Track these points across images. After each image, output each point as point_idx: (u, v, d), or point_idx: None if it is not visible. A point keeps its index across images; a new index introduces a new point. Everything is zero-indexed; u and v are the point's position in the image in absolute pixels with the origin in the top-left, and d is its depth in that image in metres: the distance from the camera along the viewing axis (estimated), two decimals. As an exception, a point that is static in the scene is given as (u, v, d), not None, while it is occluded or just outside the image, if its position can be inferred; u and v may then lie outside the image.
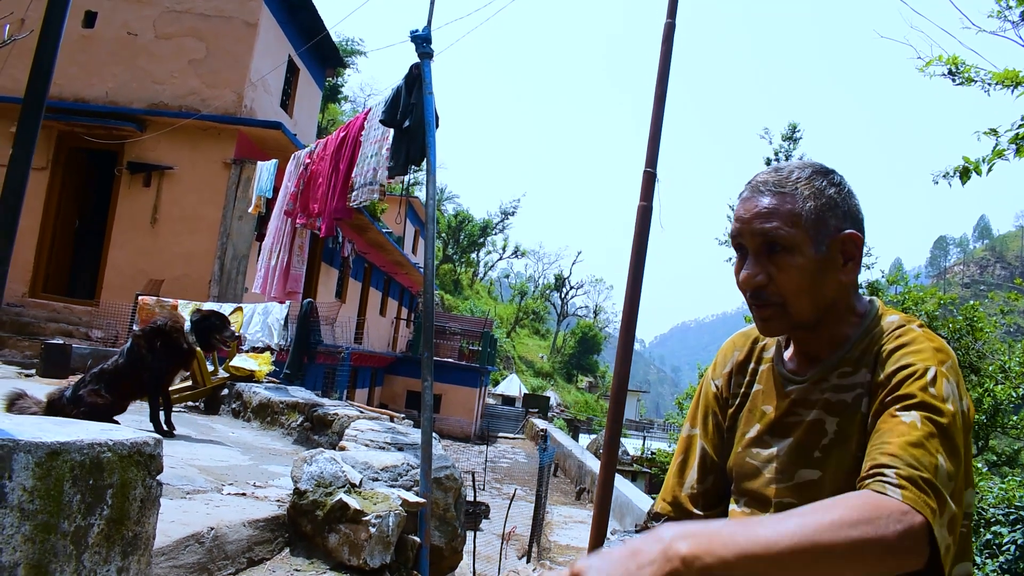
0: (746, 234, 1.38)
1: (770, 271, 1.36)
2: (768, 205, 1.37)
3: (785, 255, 1.35)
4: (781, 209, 1.36)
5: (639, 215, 6.36)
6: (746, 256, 1.40)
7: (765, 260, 1.37)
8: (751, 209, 1.39)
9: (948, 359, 1.26)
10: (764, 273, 1.36)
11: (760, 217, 1.36)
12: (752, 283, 1.37)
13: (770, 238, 1.35)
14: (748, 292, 1.40)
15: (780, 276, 1.35)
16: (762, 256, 1.37)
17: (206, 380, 7.43)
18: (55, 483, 1.76)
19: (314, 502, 3.20)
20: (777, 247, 1.35)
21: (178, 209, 12.65)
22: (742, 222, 1.39)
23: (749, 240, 1.38)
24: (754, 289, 1.37)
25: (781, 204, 1.36)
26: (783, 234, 1.34)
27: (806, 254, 1.34)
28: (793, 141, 26.16)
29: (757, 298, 1.38)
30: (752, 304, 1.40)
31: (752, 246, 1.38)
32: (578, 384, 71.04)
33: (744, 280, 1.38)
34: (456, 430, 29.66)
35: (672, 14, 6.53)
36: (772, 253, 1.36)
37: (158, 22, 13.52)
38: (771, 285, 1.36)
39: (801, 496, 1.36)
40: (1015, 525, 6.76)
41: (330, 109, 45.85)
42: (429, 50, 4.43)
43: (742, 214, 1.40)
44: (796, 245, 1.34)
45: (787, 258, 1.34)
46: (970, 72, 5.26)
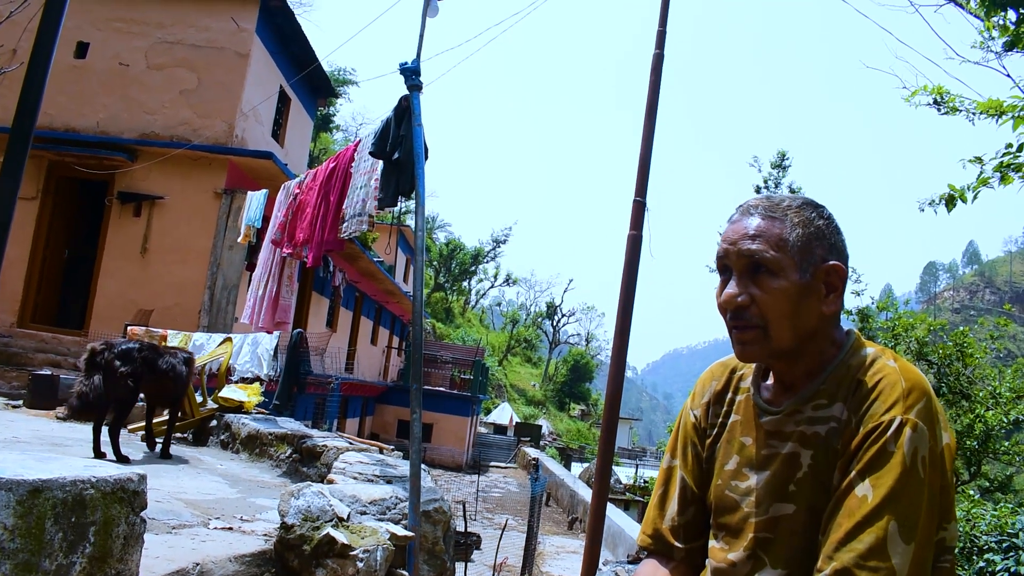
0: (732, 254, 1.38)
1: (753, 292, 1.36)
2: (757, 227, 1.38)
3: (769, 277, 1.35)
4: (769, 232, 1.37)
5: (629, 244, 6.39)
6: (730, 277, 1.40)
7: (748, 281, 1.37)
8: (739, 230, 1.39)
9: (920, 400, 1.26)
10: (747, 294, 1.36)
11: (748, 238, 1.37)
12: (734, 303, 1.37)
13: (756, 259, 1.35)
14: (729, 312, 1.39)
15: (763, 298, 1.35)
16: (745, 277, 1.37)
17: (195, 411, 7.38)
18: (36, 521, 1.74)
19: (301, 536, 3.16)
20: (762, 268, 1.35)
21: (168, 239, 12.64)
22: (729, 242, 1.40)
23: (735, 260, 1.38)
24: (735, 309, 1.37)
25: (770, 227, 1.37)
26: (769, 257, 1.35)
27: (790, 278, 1.35)
28: (782, 169, 26.29)
29: (738, 319, 1.38)
30: (732, 327, 1.40)
31: (737, 267, 1.38)
32: (570, 412, 70.81)
33: (726, 299, 1.38)
34: (447, 459, 29.48)
35: (660, 45, 6.61)
36: (756, 274, 1.36)
37: (150, 53, 13.58)
38: (753, 307, 1.36)
39: (776, 530, 1.36)
40: (1008, 552, 6.72)
41: (322, 138, 46.01)
42: (418, 82, 4.46)
43: (730, 235, 1.41)
44: (781, 268, 1.35)
45: (771, 280, 1.35)
46: (955, 102, 5.32)
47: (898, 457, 1.21)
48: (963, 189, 4.82)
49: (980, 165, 4.76)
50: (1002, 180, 4.67)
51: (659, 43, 6.60)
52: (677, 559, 1.58)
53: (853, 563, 1.18)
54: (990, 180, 4.70)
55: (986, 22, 5.01)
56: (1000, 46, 5.07)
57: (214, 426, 7.46)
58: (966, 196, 4.81)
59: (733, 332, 1.40)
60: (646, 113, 6.51)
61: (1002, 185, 4.69)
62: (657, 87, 6.56)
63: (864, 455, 1.25)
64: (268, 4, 13.96)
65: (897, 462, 1.21)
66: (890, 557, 1.17)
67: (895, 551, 1.17)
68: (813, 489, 1.33)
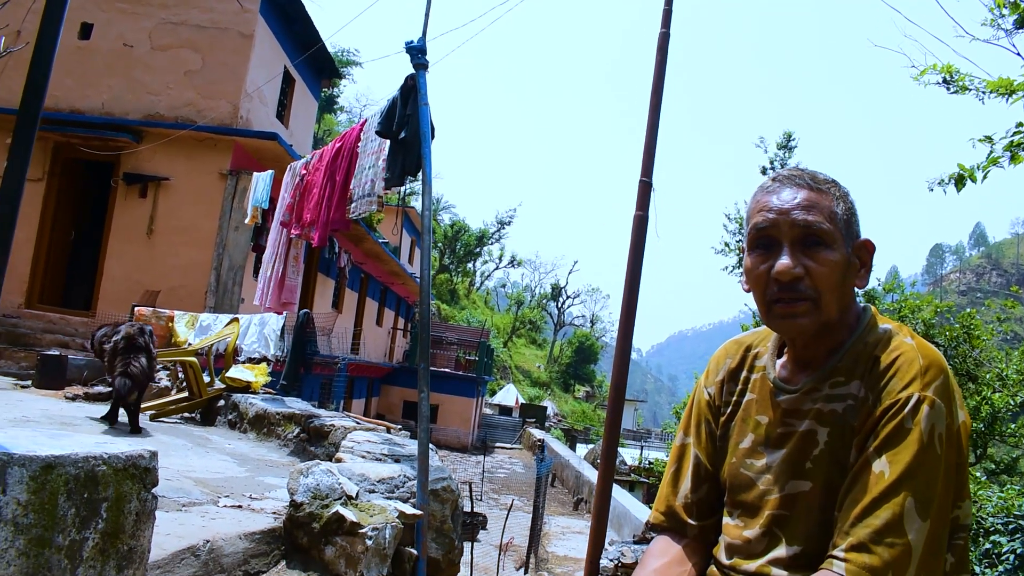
0: (784, 224, 1.36)
1: (807, 264, 1.34)
2: (808, 199, 1.36)
3: (824, 250, 1.34)
4: (821, 204, 1.36)
5: (635, 225, 6.36)
6: (772, 249, 1.37)
7: (800, 252, 1.35)
8: (789, 200, 1.37)
9: (937, 377, 1.27)
10: (801, 265, 1.34)
11: (801, 208, 1.35)
12: (791, 274, 1.33)
13: (813, 230, 1.34)
14: (781, 285, 1.35)
15: (817, 270, 1.33)
16: (798, 248, 1.35)
17: (202, 391, 7.41)
18: (50, 497, 1.75)
19: (310, 514, 3.18)
20: (817, 240, 1.34)
21: (174, 220, 12.65)
22: (779, 212, 1.37)
23: (788, 230, 1.35)
24: (791, 280, 1.34)
25: (820, 200, 1.36)
26: (825, 228, 1.34)
27: (840, 252, 1.35)
28: (788, 150, 26.20)
29: (791, 290, 1.34)
30: (780, 299, 1.36)
31: (790, 237, 1.36)
32: (575, 394, 70.96)
33: (781, 271, 1.34)
34: (453, 440, 29.59)
35: (666, 24, 6.55)
36: (810, 246, 1.34)
37: (154, 34, 13.54)
38: (806, 279, 1.34)
39: (793, 507, 1.36)
40: (1014, 534, 6.75)
41: (326, 119, 45.95)
42: (424, 61, 4.44)
43: (779, 204, 1.37)
44: (834, 241, 1.34)
45: (826, 253, 1.34)
46: (964, 80, 5.27)
47: (915, 434, 1.21)
48: (972, 169, 4.79)
49: (990, 144, 4.72)
50: (1012, 160, 4.64)
51: (665, 22, 6.54)
52: (690, 536, 1.58)
53: (869, 538, 1.19)
54: (1000, 160, 4.67)
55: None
56: (1011, 24, 5.03)
57: (222, 406, 7.49)
58: (975, 176, 4.78)
59: (781, 306, 1.36)
60: (652, 93, 6.46)
61: (1012, 164, 4.66)
62: (663, 67, 6.51)
63: (881, 431, 1.25)
64: (272, -16, 13.91)
65: (914, 439, 1.21)
66: (906, 533, 1.17)
67: (911, 527, 1.18)
68: (830, 466, 1.33)
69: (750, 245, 1.42)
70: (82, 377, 8.63)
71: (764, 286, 1.38)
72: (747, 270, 1.43)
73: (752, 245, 1.41)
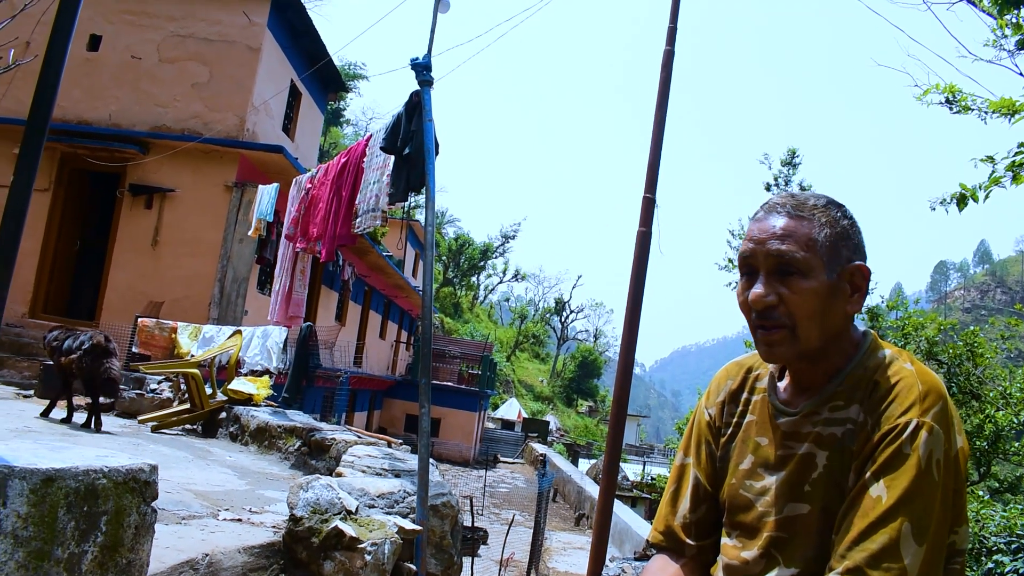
0: (760, 254, 1.38)
1: (781, 292, 1.35)
2: (785, 227, 1.37)
3: (798, 278, 1.34)
4: (798, 232, 1.36)
5: (638, 240, 6.39)
6: (755, 277, 1.39)
7: (776, 281, 1.36)
8: (767, 229, 1.38)
9: (936, 403, 1.27)
10: (775, 294, 1.35)
11: (776, 238, 1.36)
12: (763, 303, 1.35)
13: (785, 259, 1.35)
14: (756, 313, 1.38)
15: (792, 298, 1.34)
16: (774, 277, 1.36)
17: (204, 403, 7.42)
18: (50, 510, 1.76)
19: (310, 529, 3.18)
20: (791, 269, 1.35)
21: (179, 231, 12.69)
22: (756, 241, 1.39)
23: (763, 260, 1.37)
24: (764, 309, 1.36)
25: (798, 227, 1.37)
26: (799, 257, 1.34)
27: (819, 279, 1.34)
28: (792, 166, 26.19)
29: (765, 319, 1.37)
30: (758, 326, 1.38)
31: (765, 266, 1.37)
32: (578, 408, 70.78)
33: (754, 299, 1.36)
34: (455, 454, 29.52)
35: (671, 42, 6.60)
36: (785, 275, 1.35)
37: (162, 46, 13.62)
38: (781, 307, 1.35)
39: (791, 530, 1.36)
40: (1017, 554, 6.70)
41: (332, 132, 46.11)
42: (429, 78, 4.47)
43: (756, 234, 1.39)
44: (810, 269, 1.34)
45: (800, 281, 1.34)
46: (967, 101, 5.29)
47: (913, 459, 1.22)
48: (975, 188, 4.79)
49: (992, 164, 4.73)
50: (1014, 180, 4.64)
51: (670, 40, 6.59)
52: (688, 556, 1.59)
53: (865, 562, 1.19)
54: (1002, 179, 4.67)
55: (999, 20, 4.99)
56: (1013, 44, 5.04)
57: (223, 418, 7.50)
58: (977, 195, 4.79)
59: (759, 332, 1.39)
60: (656, 110, 6.50)
61: (1014, 184, 4.67)
62: (667, 83, 6.55)
63: (880, 456, 1.25)
64: (280, -2, 13.99)
65: (912, 464, 1.22)
66: (902, 558, 1.18)
67: (907, 552, 1.18)
68: (828, 490, 1.33)
69: (741, 271, 1.45)
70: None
71: (747, 313, 1.41)
72: (737, 295, 1.45)
73: (741, 272, 1.44)
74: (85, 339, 6.36)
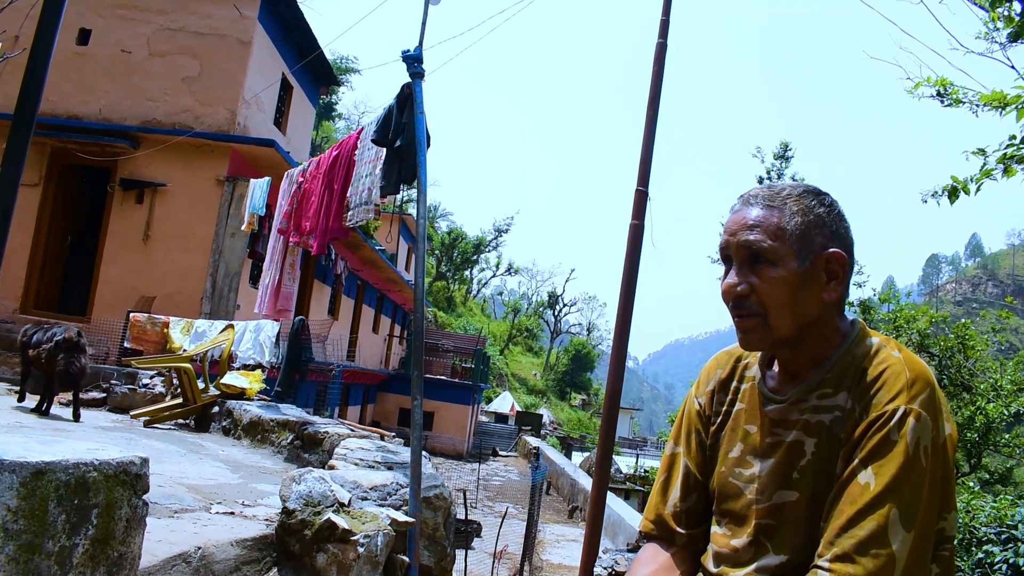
0: (732, 245, 1.41)
1: (752, 281, 1.38)
2: (755, 217, 1.39)
3: (767, 266, 1.37)
4: (768, 221, 1.38)
5: (631, 233, 6.38)
6: (728, 267, 1.43)
7: (747, 270, 1.39)
8: (738, 220, 1.42)
9: (924, 390, 1.28)
10: (746, 283, 1.38)
11: (746, 228, 1.39)
12: (734, 292, 1.39)
13: (754, 249, 1.37)
14: (730, 302, 1.41)
15: (761, 287, 1.37)
16: (745, 266, 1.39)
17: (196, 397, 7.40)
18: (40, 503, 1.75)
19: (302, 521, 3.18)
20: (760, 258, 1.37)
21: (171, 226, 12.65)
22: (729, 233, 1.42)
23: (735, 251, 1.41)
24: (736, 298, 1.40)
25: (768, 217, 1.39)
26: (766, 246, 1.36)
27: (788, 267, 1.36)
28: (785, 160, 26.25)
29: (739, 307, 1.40)
30: (734, 315, 1.42)
31: (737, 257, 1.40)
32: (571, 401, 70.90)
33: (726, 289, 1.41)
34: (448, 448, 29.54)
35: (663, 35, 6.58)
36: (755, 264, 1.38)
37: (152, 40, 13.56)
38: (752, 296, 1.38)
39: (780, 517, 1.37)
40: (1007, 544, 6.75)
41: (324, 126, 45.99)
42: (420, 70, 4.45)
43: (730, 225, 1.43)
44: (779, 257, 1.36)
45: (769, 269, 1.36)
46: (958, 93, 5.30)
47: (901, 446, 1.23)
48: (966, 181, 4.80)
49: (983, 157, 4.74)
50: (1005, 172, 4.65)
51: (662, 32, 6.57)
52: (678, 544, 1.60)
53: (853, 549, 1.20)
54: (993, 172, 4.68)
55: (991, 12, 4.99)
56: (1005, 37, 5.05)
57: (216, 412, 7.48)
58: (969, 188, 4.80)
59: (736, 321, 1.42)
60: (649, 103, 6.49)
61: (1005, 177, 4.68)
62: (660, 77, 6.54)
63: (867, 443, 1.26)
64: (271, -9, 13.94)
65: (900, 451, 1.23)
66: (890, 544, 1.19)
67: (895, 538, 1.19)
68: (816, 477, 1.34)
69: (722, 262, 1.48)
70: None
71: (726, 302, 1.44)
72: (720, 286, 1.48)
73: (722, 262, 1.47)
74: (58, 332, 6.52)
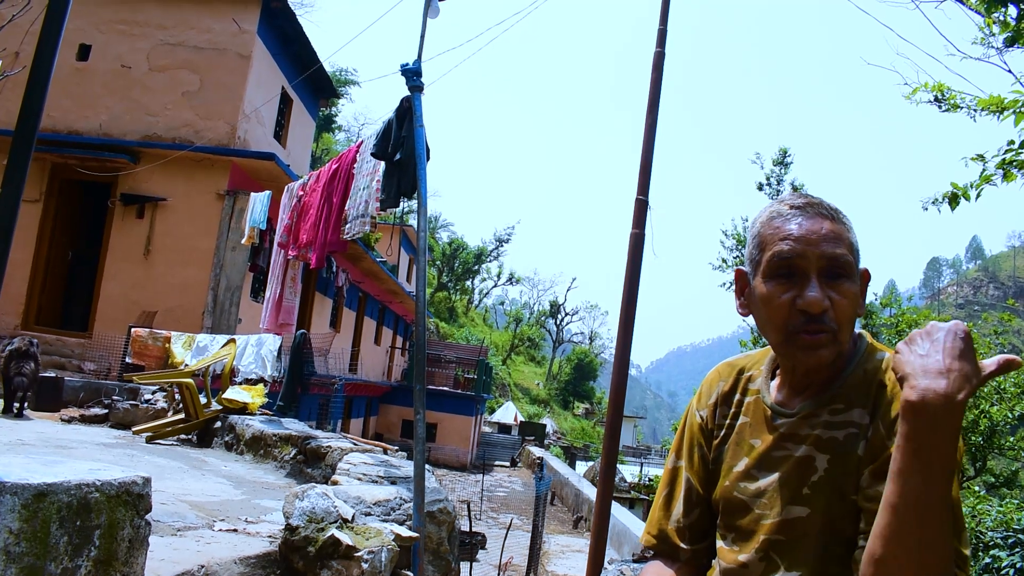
0: (812, 256, 1.35)
1: (832, 296, 1.34)
2: (833, 230, 1.37)
3: (847, 282, 1.35)
4: (843, 236, 1.37)
5: (632, 242, 6.39)
6: (795, 279, 1.36)
7: (826, 285, 1.34)
8: (816, 231, 1.36)
9: None
10: (828, 298, 1.34)
11: (828, 241, 1.35)
12: (821, 307, 1.32)
13: (839, 263, 1.34)
14: (809, 317, 1.34)
15: (840, 303, 1.34)
16: (823, 280, 1.35)
17: (199, 413, 7.39)
18: (42, 525, 1.74)
19: (306, 538, 3.17)
20: (841, 273, 1.35)
21: (171, 240, 12.66)
22: (806, 243, 1.36)
23: (815, 262, 1.35)
24: (820, 313, 1.33)
25: (842, 231, 1.37)
26: (849, 261, 1.35)
27: (857, 284, 1.36)
28: (784, 166, 26.26)
29: (818, 322, 1.33)
30: (804, 330, 1.35)
31: (817, 268, 1.35)
32: (574, 411, 70.81)
33: (812, 303, 1.32)
34: (452, 459, 29.48)
35: (661, 43, 6.60)
36: (834, 279, 1.35)
37: (152, 55, 13.61)
38: (831, 311, 1.33)
39: (790, 533, 1.36)
40: (1014, 548, 6.72)
41: (324, 139, 46.07)
42: (419, 83, 4.46)
43: (803, 234, 1.37)
44: (854, 274, 1.36)
45: (848, 285, 1.35)
46: (956, 99, 5.30)
47: None
48: (966, 187, 4.80)
49: (982, 163, 4.74)
50: (1005, 177, 4.65)
51: (660, 41, 6.59)
52: (682, 560, 1.58)
53: None
54: (992, 177, 4.68)
55: (987, 18, 5.00)
56: (1001, 42, 5.05)
57: (218, 427, 7.47)
58: (969, 194, 4.80)
59: (803, 337, 1.35)
60: (647, 111, 6.50)
61: (1005, 182, 4.68)
62: (658, 85, 6.55)
63: None
64: (269, 5, 13.98)
65: None
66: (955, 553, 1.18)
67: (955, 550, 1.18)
68: (829, 494, 1.32)
69: (769, 273, 1.40)
70: (78, 399, 8.62)
71: (786, 316, 1.37)
72: (764, 298, 1.40)
73: (772, 273, 1.40)
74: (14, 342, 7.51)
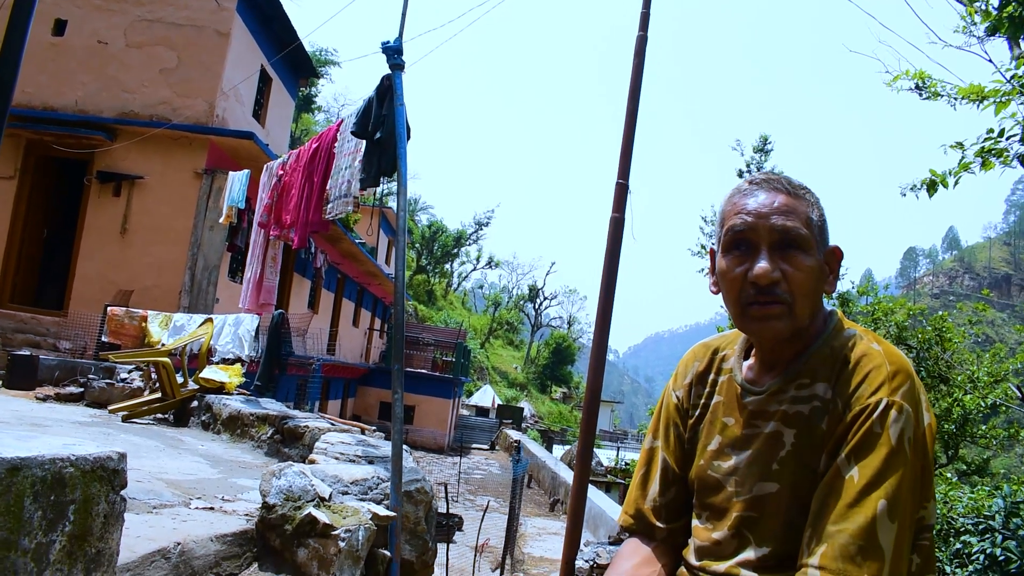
0: (762, 228, 1.37)
1: (784, 268, 1.35)
2: (785, 203, 1.38)
3: (800, 254, 1.36)
4: (798, 209, 1.38)
5: (611, 227, 6.37)
6: (748, 251, 1.39)
7: (778, 257, 1.36)
8: (767, 204, 1.38)
9: (905, 382, 1.29)
10: (779, 269, 1.35)
11: (779, 213, 1.37)
12: (769, 278, 1.34)
13: (791, 235, 1.36)
14: (758, 288, 1.36)
15: (793, 275, 1.35)
16: (776, 252, 1.36)
17: (175, 392, 7.34)
18: (15, 499, 1.72)
19: (283, 516, 3.16)
20: (794, 245, 1.36)
21: (148, 219, 12.53)
22: (757, 215, 1.38)
23: (766, 234, 1.37)
24: (769, 284, 1.35)
25: (797, 205, 1.38)
26: (803, 233, 1.36)
27: (814, 257, 1.37)
28: (764, 153, 26.38)
29: (767, 294, 1.36)
30: (755, 301, 1.37)
31: (768, 240, 1.37)
32: (552, 395, 70.97)
33: (761, 274, 1.35)
34: (429, 441, 29.50)
35: (644, 27, 6.57)
36: (787, 251, 1.36)
37: (129, 31, 13.41)
38: (783, 283, 1.35)
39: (761, 509, 1.37)
40: (984, 535, 6.80)
41: (303, 119, 45.69)
42: (400, 61, 4.43)
43: (756, 208, 1.39)
44: (810, 247, 1.36)
45: (802, 257, 1.36)
46: (936, 87, 5.34)
47: (885, 438, 1.23)
48: (944, 174, 4.84)
49: (961, 150, 4.78)
50: (983, 165, 4.70)
51: (643, 25, 6.55)
52: (659, 538, 1.59)
53: (844, 542, 1.20)
54: (971, 165, 4.72)
55: (968, 7, 5.03)
56: (982, 31, 5.09)
57: (195, 407, 7.42)
58: (947, 181, 4.84)
59: (753, 307, 1.38)
60: (629, 96, 6.46)
61: (983, 170, 4.72)
62: (640, 70, 6.52)
63: (852, 437, 1.27)
64: (249, -18, 13.82)
65: (884, 443, 1.23)
66: (878, 537, 1.19)
67: (883, 531, 1.20)
68: (796, 468, 1.34)
69: (725, 247, 1.43)
70: (53, 378, 8.53)
71: (739, 288, 1.39)
72: (722, 272, 1.43)
73: (728, 247, 1.42)
74: None
